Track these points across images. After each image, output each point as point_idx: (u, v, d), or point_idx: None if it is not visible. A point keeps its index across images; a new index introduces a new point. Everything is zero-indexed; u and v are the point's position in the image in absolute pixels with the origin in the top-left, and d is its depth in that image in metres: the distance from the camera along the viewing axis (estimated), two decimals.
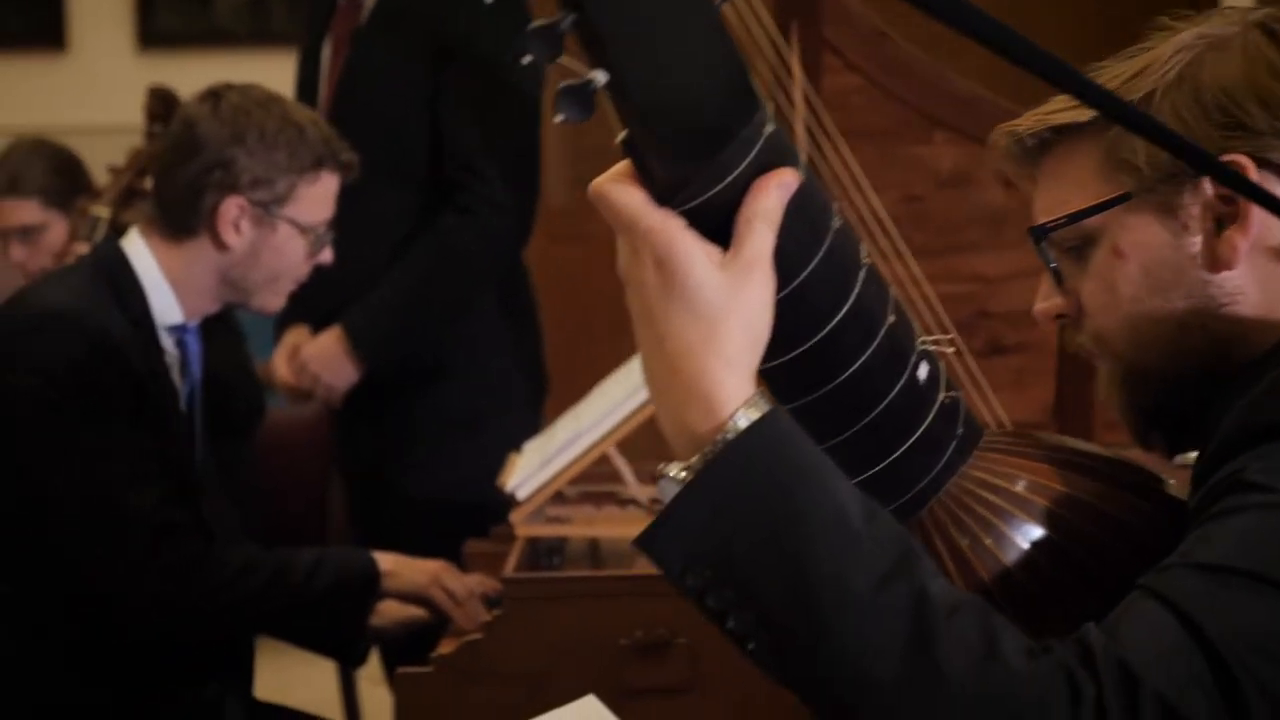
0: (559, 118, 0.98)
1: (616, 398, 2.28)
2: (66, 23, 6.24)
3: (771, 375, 1.08)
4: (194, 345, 2.42)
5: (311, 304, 2.86)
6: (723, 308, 1.01)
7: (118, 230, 3.10)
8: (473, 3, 2.95)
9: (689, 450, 1.03)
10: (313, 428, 3.61)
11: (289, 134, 2.40)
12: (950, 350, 1.21)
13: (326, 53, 3.10)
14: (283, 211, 2.40)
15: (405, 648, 2.41)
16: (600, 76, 0.97)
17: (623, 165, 1.04)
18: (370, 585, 2.32)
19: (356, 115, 2.90)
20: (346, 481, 3.33)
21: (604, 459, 2.26)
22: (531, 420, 3.15)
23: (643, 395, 2.23)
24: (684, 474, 1.02)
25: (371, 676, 3.20)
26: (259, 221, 2.40)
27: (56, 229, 3.32)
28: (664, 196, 1.02)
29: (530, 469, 2.26)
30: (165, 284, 2.38)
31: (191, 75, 6.14)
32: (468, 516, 2.89)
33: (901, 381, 1.11)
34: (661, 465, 1.04)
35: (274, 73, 6.20)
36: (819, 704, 1.04)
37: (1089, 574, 1.15)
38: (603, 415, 2.25)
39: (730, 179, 1.01)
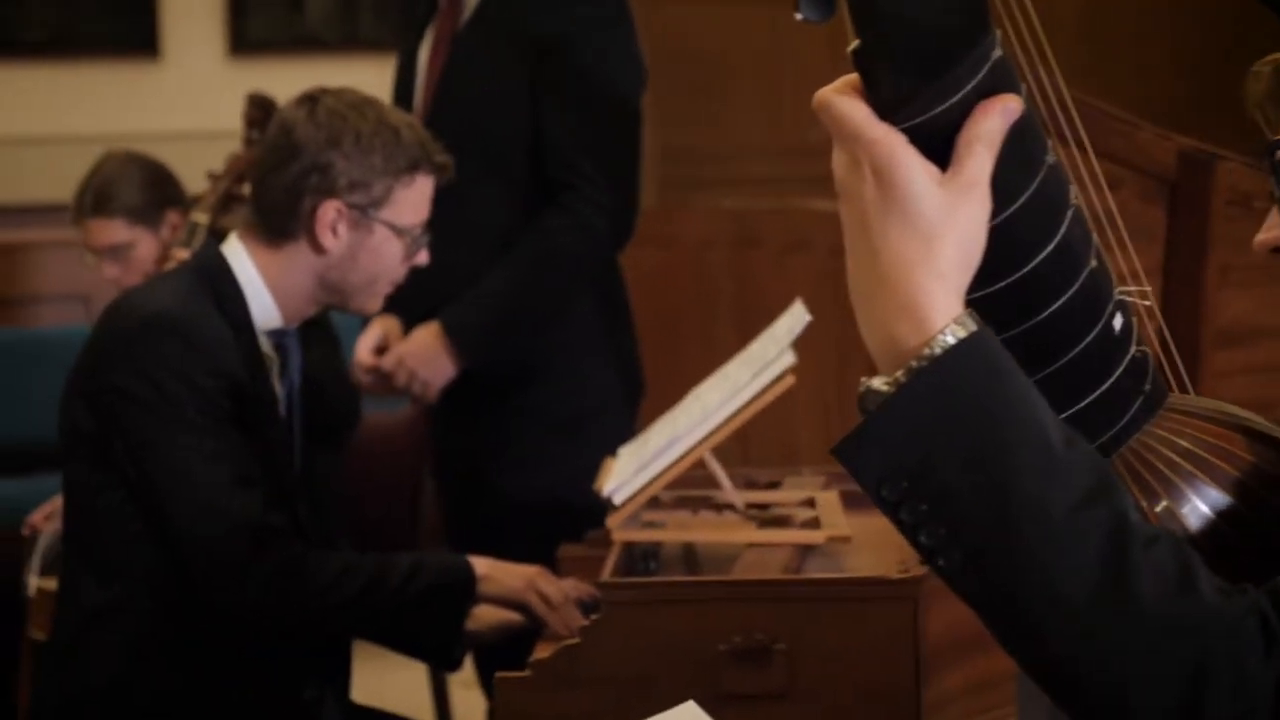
0: (799, 15, 1.00)
1: (712, 403, 2.27)
2: (159, 31, 6.29)
3: (971, 307, 1.07)
4: (293, 349, 2.44)
5: (409, 305, 2.87)
6: (940, 224, 1.02)
7: (216, 236, 3.12)
8: (572, 3, 2.95)
9: (894, 363, 1.03)
10: (405, 431, 3.63)
11: (385, 137, 2.41)
12: (1146, 304, 1.19)
13: (424, 56, 3.11)
14: (379, 214, 2.41)
15: (499, 652, 2.41)
16: None
17: (848, 78, 1.05)
18: (466, 590, 2.32)
19: (455, 116, 2.91)
20: (440, 485, 3.33)
21: (699, 464, 2.25)
22: (627, 423, 3.14)
23: (739, 401, 2.21)
24: (888, 386, 1.03)
25: (463, 680, 3.21)
26: (356, 224, 2.40)
27: (145, 245, 3.34)
28: (888, 111, 1.03)
29: (626, 474, 2.25)
30: (264, 288, 2.40)
31: (282, 81, 6.20)
32: (562, 520, 2.89)
33: (1097, 328, 1.11)
34: (864, 378, 1.04)
35: (363, 78, 6.22)
36: (1005, 624, 1.04)
37: (1272, 547, 1.13)
38: (699, 420, 2.23)
39: (956, 99, 1.02)
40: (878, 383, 1.03)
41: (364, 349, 3.04)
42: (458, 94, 2.99)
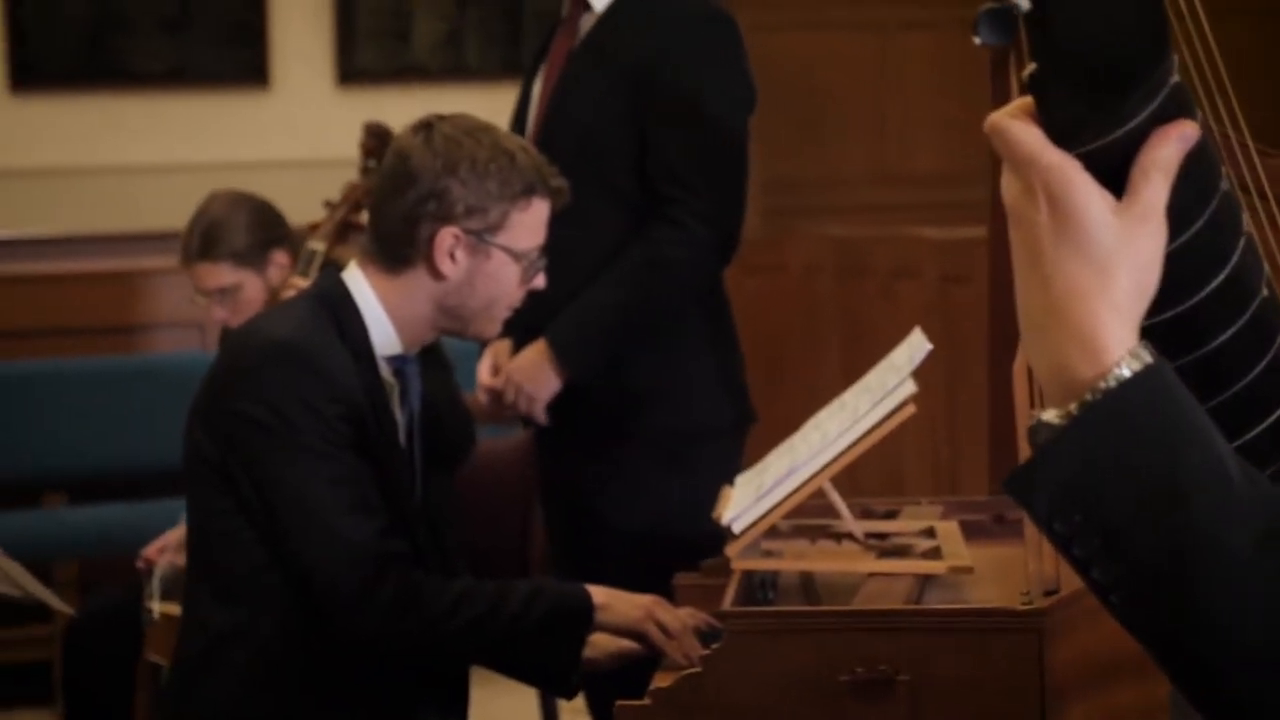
0: (978, 39, 0.99)
1: (831, 432, 2.25)
2: (269, 62, 6.37)
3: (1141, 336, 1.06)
4: (413, 376, 2.46)
5: (520, 325, 2.88)
6: (1115, 253, 1.00)
7: (332, 264, 3.14)
8: (682, 22, 2.96)
9: (1066, 394, 1.01)
10: (516, 457, 3.63)
11: (500, 162, 2.42)
12: None
13: (538, 82, 3.13)
14: (496, 239, 2.42)
15: (610, 679, 2.40)
16: (1023, 1, 0.97)
17: (1021, 101, 1.03)
18: (585, 618, 2.32)
19: (565, 136, 2.92)
20: (546, 512, 3.33)
21: (817, 492, 2.23)
22: (736, 450, 3.12)
23: (858, 430, 2.20)
24: (1059, 419, 1.01)
25: (574, 707, 3.20)
26: (473, 250, 2.41)
27: (251, 286, 3.36)
28: (1063, 136, 1.01)
29: (745, 502, 2.24)
30: (384, 315, 2.41)
31: (389, 110, 6.26)
32: (673, 548, 2.88)
33: (1267, 358, 1.09)
34: (1034, 410, 1.03)
35: (469, 106, 6.26)
36: (1179, 663, 1.02)
37: None
38: (818, 449, 2.22)
39: (1133, 124, 1.00)
40: (1049, 415, 1.01)
41: (484, 371, 3.05)
42: (568, 114, 3.00)
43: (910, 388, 2.21)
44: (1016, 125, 1.02)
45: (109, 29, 6.21)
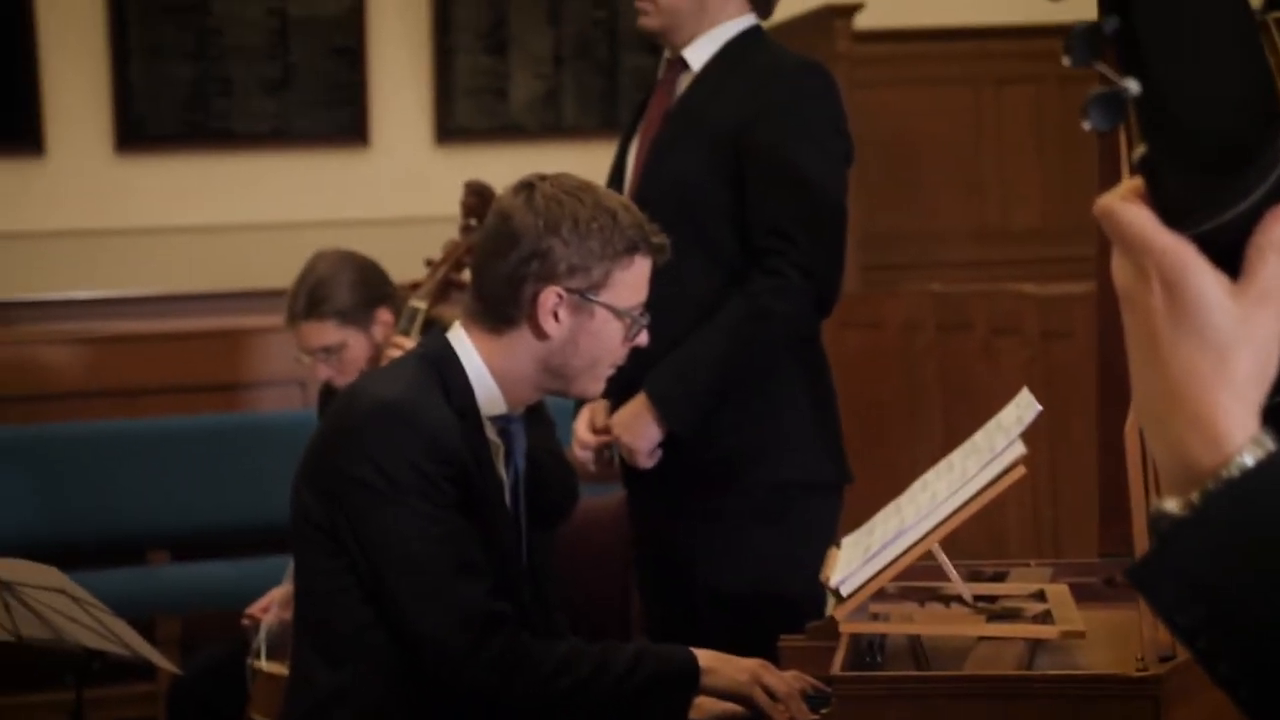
0: (1087, 125, 0.97)
1: (940, 494, 2.23)
2: (369, 120, 6.44)
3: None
4: (517, 434, 2.46)
5: (617, 382, 2.87)
6: (1234, 337, 0.98)
7: (434, 322, 3.15)
8: (778, 77, 2.97)
9: (1187, 483, 0.99)
10: (614, 515, 3.62)
11: (602, 220, 2.41)
12: None
13: (636, 141, 3.14)
14: (599, 297, 2.41)
15: None
16: (1133, 85, 0.95)
17: (1130, 183, 1.01)
18: (690, 682, 2.30)
19: (662, 192, 2.92)
20: (640, 571, 3.31)
21: (926, 554, 2.20)
22: (833, 507, 3.09)
23: (968, 493, 2.17)
24: (1181, 509, 0.98)
25: None
26: (576, 309, 2.41)
27: (357, 344, 3.38)
28: (1175, 217, 0.99)
29: (853, 564, 2.22)
30: (489, 375, 2.41)
31: (487, 167, 6.30)
32: (770, 606, 2.85)
33: None
34: (1156, 500, 1.00)
35: (565, 163, 6.30)
36: None
37: None
38: (927, 511, 2.19)
39: (1247, 204, 0.98)
40: (1170, 505, 0.99)
41: (582, 428, 3.05)
42: (666, 173, 3.01)
43: (1020, 449, 2.18)
44: (1127, 208, 1.00)
45: (212, 90, 6.30)
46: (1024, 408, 2.26)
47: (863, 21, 5.72)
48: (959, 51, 5.97)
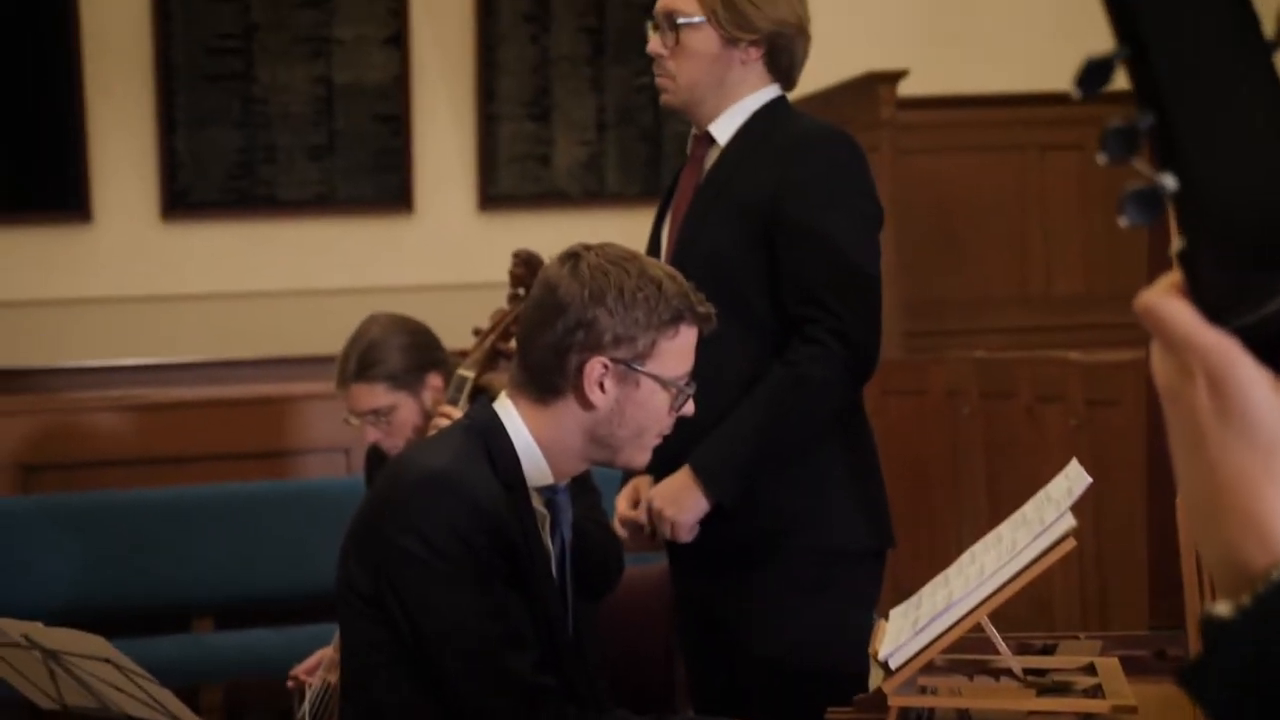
0: (1124, 221, 0.96)
1: (989, 566, 2.21)
2: (413, 187, 6.48)
3: None
4: (564, 505, 2.45)
5: (662, 455, 2.86)
6: None
7: (482, 390, 3.16)
8: (803, 146, 2.97)
9: (1237, 584, 0.97)
10: (658, 584, 3.60)
11: (647, 290, 2.41)
12: None
13: (669, 218, 3.14)
14: (645, 367, 2.41)
15: None
16: (1169, 180, 0.94)
17: (1170, 277, 0.99)
18: None
19: (697, 263, 2.92)
20: (681, 641, 3.29)
21: (974, 626, 2.18)
22: (875, 575, 3.07)
23: (1017, 565, 2.15)
24: (1232, 612, 0.96)
25: None
26: (622, 379, 2.41)
27: (406, 408, 3.38)
28: (1216, 311, 0.98)
29: (901, 636, 2.20)
30: (535, 446, 2.41)
31: (530, 233, 6.34)
32: (815, 677, 2.82)
33: None
34: (1208, 604, 0.99)
35: (608, 229, 6.35)
36: None
37: None
38: (975, 584, 2.18)
39: None
40: (1221, 608, 0.96)
41: (624, 504, 3.04)
42: (699, 246, 3.01)
43: (1070, 522, 2.16)
44: (1169, 304, 0.98)
45: (258, 157, 6.35)
46: (1074, 480, 2.24)
47: (906, 88, 5.73)
48: (1003, 118, 5.97)
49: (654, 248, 3.16)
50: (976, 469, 5.28)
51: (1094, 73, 0.96)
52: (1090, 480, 2.21)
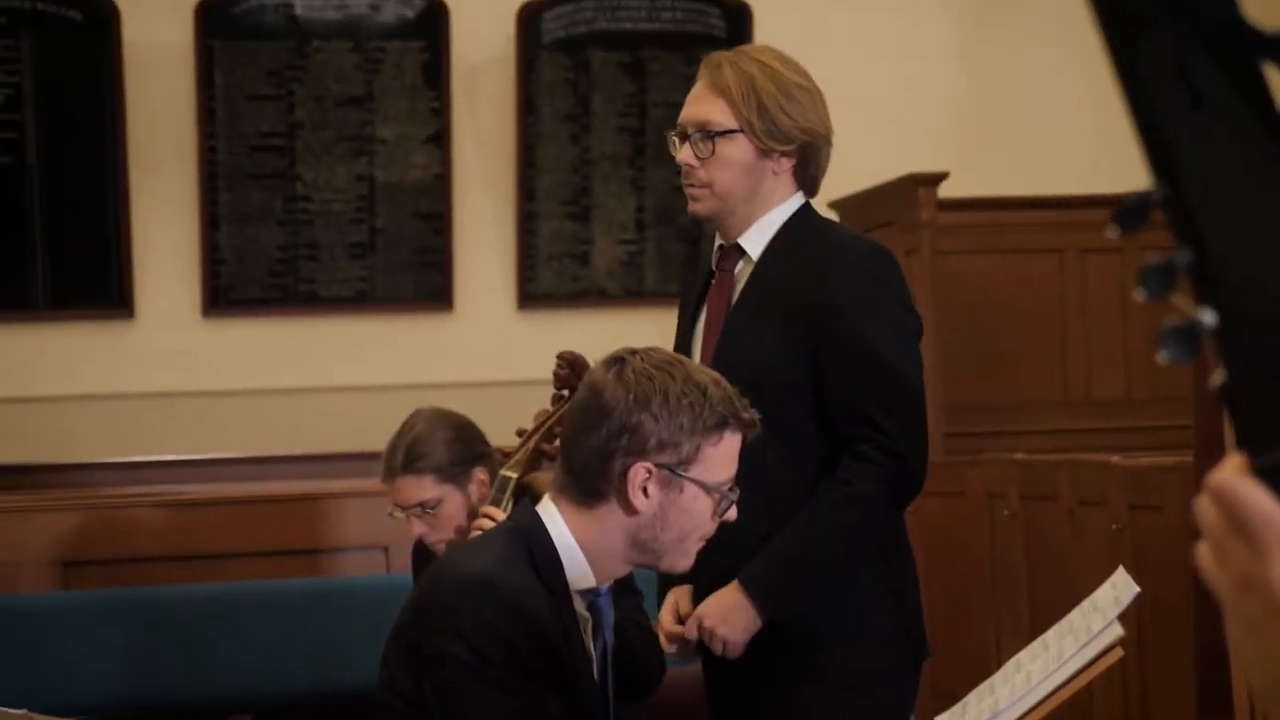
0: (1163, 357, 0.95)
1: (1035, 674, 2.20)
2: (454, 286, 6.51)
3: None
4: (606, 608, 2.45)
5: (705, 573, 2.85)
6: None
7: (525, 490, 3.16)
8: (842, 261, 2.97)
9: None
10: (693, 684, 3.58)
11: (693, 396, 2.42)
12: None
13: (699, 333, 3.13)
14: (689, 473, 2.41)
15: None
16: (1208, 316, 0.94)
17: (1235, 459, 0.99)
18: None
19: (737, 378, 2.89)
20: None
21: None
22: (910, 688, 3.04)
23: (1064, 674, 2.14)
24: None
25: None
26: (666, 484, 2.41)
27: (453, 502, 3.39)
28: (1258, 446, 0.97)
29: None
30: (578, 549, 2.41)
31: (569, 331, 6.36)
32: None
33: None
34: None
35: (647, 327, 6.38)
36: None
37: None
38: (1022, 693, 2.16)
39: None
40: None
41: (668, 619, 3.02)
42: (739, 359, 2.99)
43: (1117, 631, 2.15)
44: (1245, 485, 0.97)
45: (299, 254, 6.40)
46: (1121, 588, 2.23)
47: (947, 190, 5.75)
48: (1043, 220, 5.98)
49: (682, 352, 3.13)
50: (1016, 571, 5.25)
51: (1131, 212, 0.96)
52: (1138, 590, 2.20)
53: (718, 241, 3.11)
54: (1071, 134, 6.65)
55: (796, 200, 3.05)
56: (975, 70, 6.85)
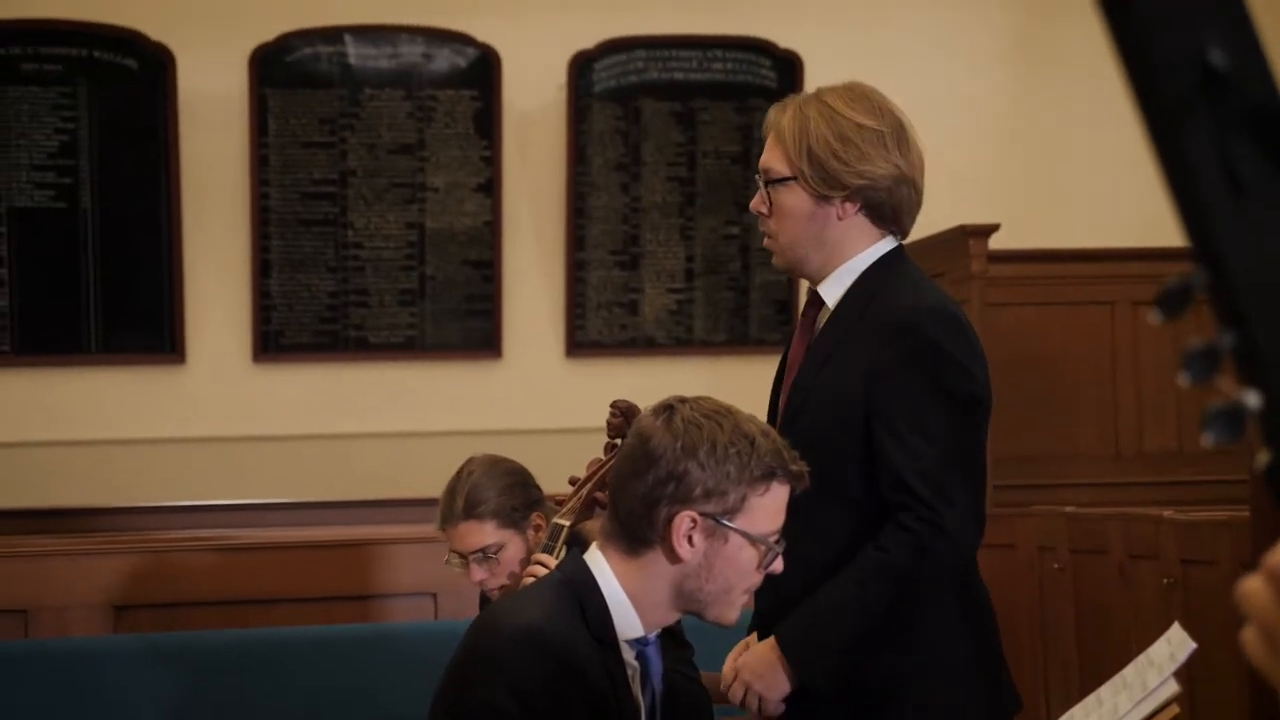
0: (1207, 440, 0.95)
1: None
2: (502, 333, 6.53)
3: None
4: (654, 658, 2.44)
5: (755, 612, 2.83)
6: None
7: (577, 539, 3.15)
8: (912, 322, 2.89)
9: None
10: None
11: (740, 446, 2.41)
12: None
13: (785, 379, 3.10)
14: (734, 523, 2.40)
15: None
16: (1253, 398, 0.93)
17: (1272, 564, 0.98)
18: None
19: (800, 436, 2.85)
20: None
21: None
22: None
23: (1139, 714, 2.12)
24: None
25: None
26: (711, 533, 2.40)
27: (513, 546, 3.40)
28: None
29: None
30: (626, 599, 2.41)
31: (615, 379, 6.36)
32: None
33: None
34: None
35: (695, 376, 6.38)
36: None
37: None
38: None
39: None
40: None
41: (729, 663, 2.99)
42: (802, 415, 2.95)
43: (1173, 688, 2.13)
44: None
45: (349, 301, 6.43)
46: (1176, 645, 2.21)
47: (998, 242, 5.74)
48: (1094, 273, 5.96)
49: (772, 411, 3.09)
50: (1066, 625, 5.21)
51: (1174, 296, 0.96)
52: (1194, 646, 2.18)
53: (809, 286, 3.06)
54: (1122, 187, 6.62)
55: (883, 245, 2.96)
56: (1027, 122, 6.84)
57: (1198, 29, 0.93)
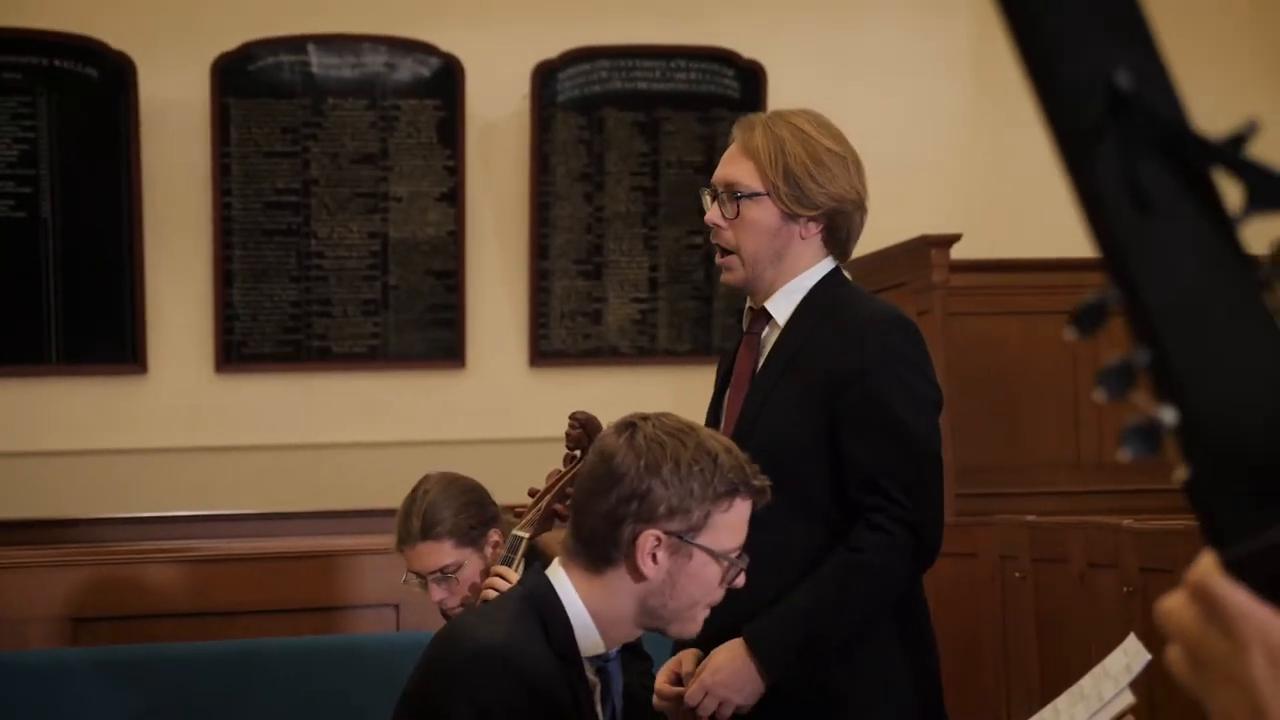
0: (1124, 455, 0.96)
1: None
2: (466, 343, 6.53)
3: None
4: (615, 674, 2.45)
5: (710, 629, 2.83)
6: None
7: (536, 551, 3.16)
8: (867, 332, 2.95)
9: None
10: None
11: (703, 463, 2.42)
12: None
13: (729, 394, 3.13)
14: (698, 540, 2.42)
15: None
16: (1169, 415, 0.95)
17: (1210, 556, 0.99)
18: None
19: (755, 450, 2.87)
20: None
21: None
22: None
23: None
24: None
25: None
26: (675, 551, 2.41)
27: (471, 565, 3.39)
28: (1222, 541, 0.98)
29: None
30: (588, 616, 2.42)
31: (579, 389, 6.36)
32: None
33: None
34: None
35: (658, 386, 6.39)
36: None
37: None
38: None
39: None
40: None
41: (663, 681, 3.00)
42: (759, 424, 2.98)
43: (1129, 699, 2.15)
44: (1222, 581, 0.98)
45: (312, 311, 6.42)
46: (1132, 656, 2.23)
47: (959, 252, 5.77)
48: (1055, 282, 5.98)
49: (713, 422, 3.13)
50: (1027, 633, 5.23)
51: (1088, 315, 0.97)
52: (1149, 657, 2.20)
53: (748, 304, 3.11)
54: None
55: (826, 265, 3.04)
56: (988, 133, 6.87)
57: (1104, 50, 0.94)
